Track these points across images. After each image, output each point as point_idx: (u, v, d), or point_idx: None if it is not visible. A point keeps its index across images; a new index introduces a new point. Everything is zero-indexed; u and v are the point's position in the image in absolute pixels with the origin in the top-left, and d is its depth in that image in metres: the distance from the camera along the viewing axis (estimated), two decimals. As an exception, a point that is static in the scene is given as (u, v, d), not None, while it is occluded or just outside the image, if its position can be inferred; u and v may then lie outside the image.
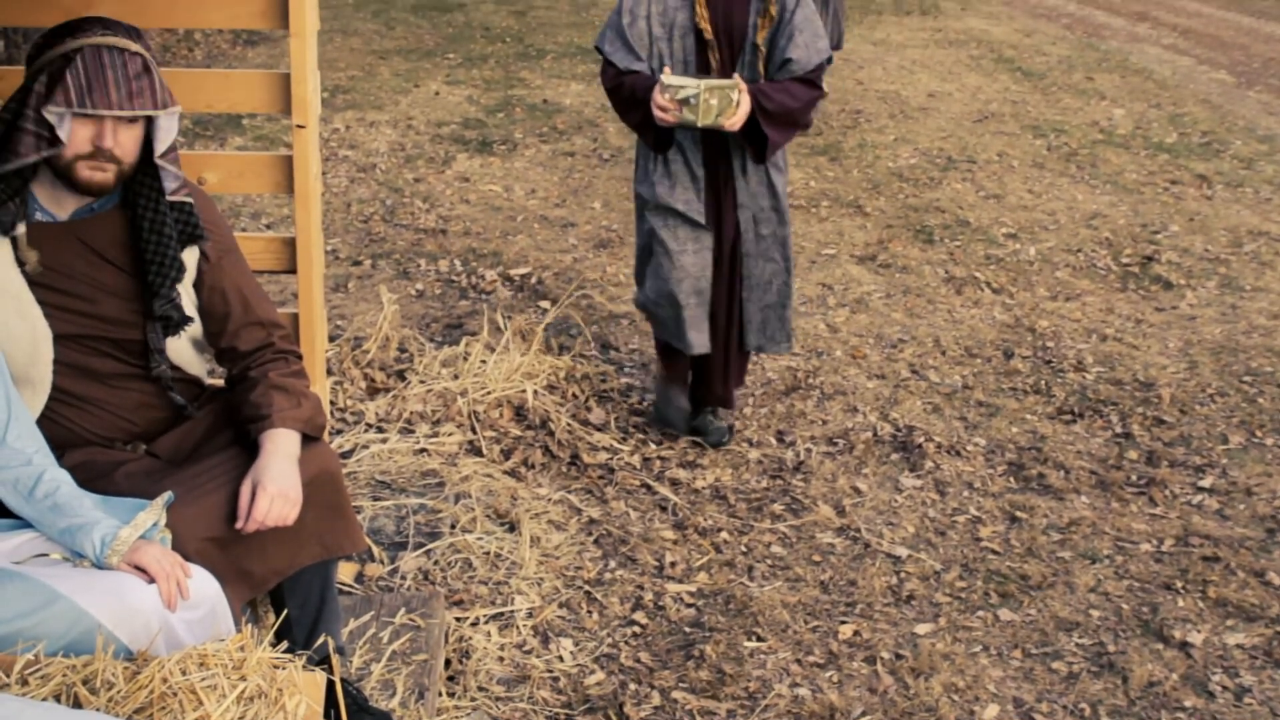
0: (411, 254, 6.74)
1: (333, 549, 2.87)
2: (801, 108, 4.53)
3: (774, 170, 4.69)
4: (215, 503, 2.68)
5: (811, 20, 4.49)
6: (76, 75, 2.62)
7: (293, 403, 2.86)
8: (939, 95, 10.70)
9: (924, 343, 5.88)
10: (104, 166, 2.69)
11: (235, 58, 11.34)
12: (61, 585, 2.39)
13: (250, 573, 2.72)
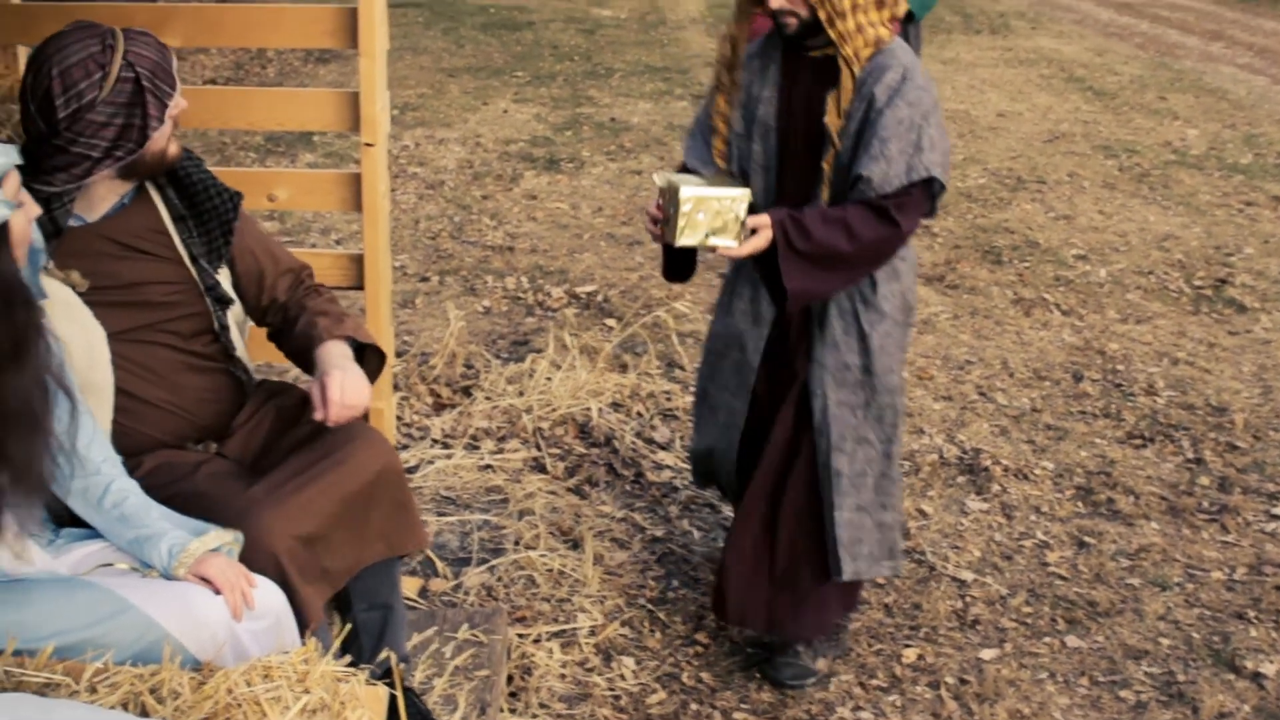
0: (479, 271, 6.78)
1: (397, 547, 2.92)
2: (858, 252, 3.25)
3: (867, 310, 3.43)
4: (299, 502, 2.72)
5: (910, 125, 3.20)
6: (150, 79, 2.69)
7: (335, 321, 2.99)
8: (1009, 115, 10.63)
9: (992, 364, 5.82)
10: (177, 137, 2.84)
11: (307, 75, 11.49)
12: (131, 595, 2.42)
13: (329, 570, 2.76)
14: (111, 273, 2.80)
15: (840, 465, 3.45)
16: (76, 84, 2.65)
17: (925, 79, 3.28)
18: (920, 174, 3.21)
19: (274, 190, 3.57)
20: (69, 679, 2.31)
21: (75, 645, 2.37)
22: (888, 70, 3.22)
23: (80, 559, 2.59)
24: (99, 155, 2.70)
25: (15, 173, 2.33)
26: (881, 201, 3.21)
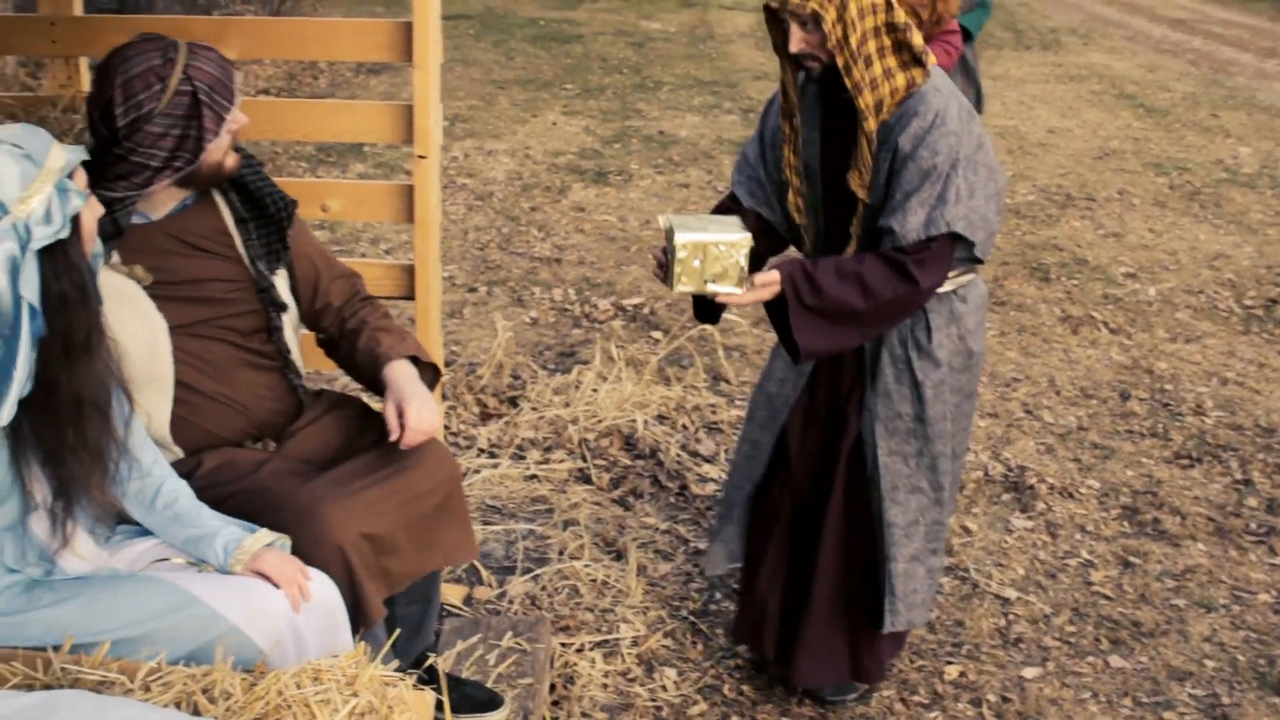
0: (526, 282, 6.83)
1: (452, 558, 2.99)
2: (873, 309, 3.12)
3: (921, 358, 3.29)
4: (365, 501, 2.77)
5: (936, 175, 3.07)
6: (207, 94, 2.75)
7: (398, 338, 3.06)
8: (1059, 131, 10.59)
9: (1038, 382, 5.81)
10: (235, 151, 2.90)
11: (358, 86, 11.60)
12: (196, 589, 2.48)
13: (390, 571, 2.82)
14: (174, 268, 2.87)
15: (894, 516, 3.36)
16: (136, 95, 2.73)
17: (961, 122, 3.11)
18: (940, 228, 3.07)
19: (327, 200, 3.62)
20: (124, 677, 2.35)
21: (143, 637, 2.43)
22: (915, 117, 3.08)
23: (137, 555, 2.65)
24: (157, 165, 2.76)
25: (82, 170, 2.40)
26: (899, 256, 3.09)
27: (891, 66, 3.09)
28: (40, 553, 2.49)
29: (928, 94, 3.10)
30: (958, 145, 3.08)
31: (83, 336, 2.35)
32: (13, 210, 2.25)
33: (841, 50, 3.03)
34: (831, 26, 3.00)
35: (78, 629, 2.41)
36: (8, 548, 2.45)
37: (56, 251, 2.30)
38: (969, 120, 3.15)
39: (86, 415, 2.38)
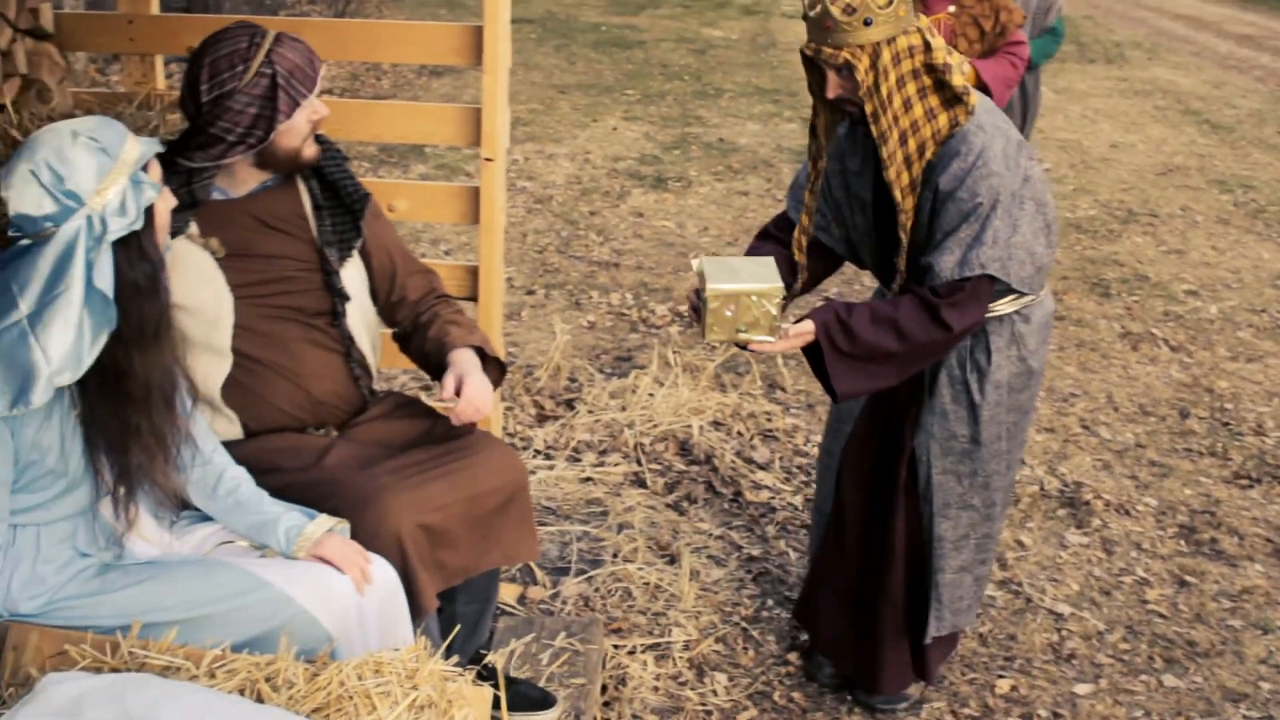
0: (584, 285, 6.87)
1: (513, 557, 3.03)
2: (909, 351, 3.14)
3: (980, 380, 3.30)
4: (425, 492, 2.83)
5: (974, 215, 3.06)
6: (285, 78, 2.85)
7: (468, 330, 3.15)
8: (1122, 146, 10.52)
9: (1096, 398, 5.78)
10: (315, 140, 3.00)
11: (420, 87, 11.69)
12: (266, 573, 2.54)
13: (445, 564, 2.86)
14: (247, 243, 2.97)
15: (943, 531, 3.41)
16: (220, 73, 2.85)
17: (1006, 159, 3.08)
18: (973, 269, 3.07)
19: (394, 200, 3.67)
20: (189, 663, 2.41)
21: (214, 618, 2.49)
22: (955, 157, 3.07)
23: (201, 540, 2.71)
24: (232, 140, 2.88)
25: (156, 162, 2.46)
26: (933, 300, 3.09)
27: (934, 106, 3.07)
28: (111, 537, 2.55)
29: (970, 133, 3.08)
30: (999, 185, 3.06)
31: (153, 326, 2.41)
32: (89, 202, 2.31)
33: (870, 98, 3.02)
34: (864, 75, 3.00)
35: (150, 611, 2.47)
36: (80, 532, 2.51)
37: (130, 242, 2.37)
38: (1015, 155, 3.11)
39: (154, 403, 2.44)
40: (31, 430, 2.34)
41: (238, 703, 2.23)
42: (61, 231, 2.30)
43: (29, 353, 2.25)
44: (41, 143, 2.34)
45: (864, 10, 2.95)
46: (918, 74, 3.04)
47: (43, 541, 2.47)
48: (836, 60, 3.01)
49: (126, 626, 2.45)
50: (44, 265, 2.29)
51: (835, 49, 3.00)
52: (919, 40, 3.04)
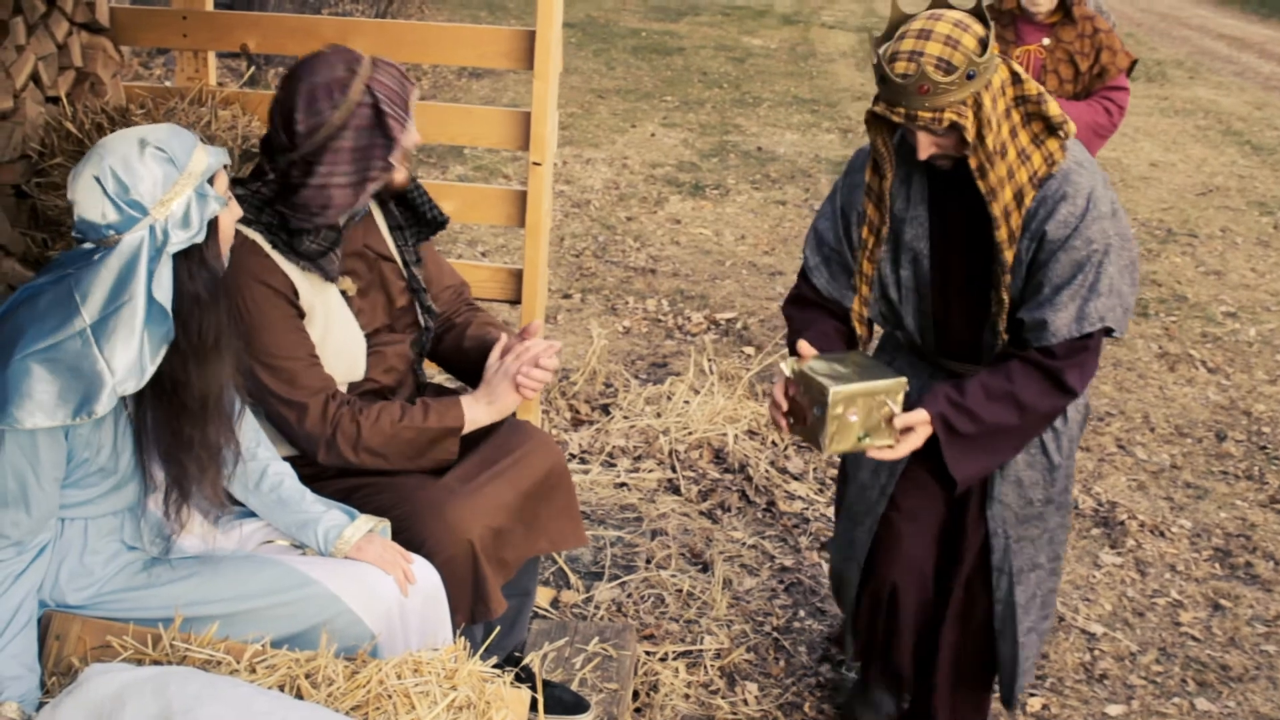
0: (620, 291, 6.88)
1: (559, 544, 3.06)
2: (1029, 422, 2.90)
3: (1056, 438, 3.08)
4: (489, 494, 2.86)
5: (1088, 265, 2.79)
6: (391, 108, 2.73)
7: (504, 330, 3.14)
8: (1161, 165, 10.47)
9: (1132, 418, 5.75)
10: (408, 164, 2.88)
11: (460, 89, 11.74)
12: (313, 571, 2.56)
13: (506, 560, 2.89)
14: (364, 277, 2.94)
15: (1018, 597, 3.19)
16: (317, 103, 2.71)
17: (1112, 201, 2.84)
18: (1092, 324, 2.80)
19: (441, 202, 3.69)
20: (230, 658, 2.43)
21: (259, 614, 2.51)
22: (1063, 201, 2.79)
23: (245, 536, 2.73)
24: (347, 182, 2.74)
25: (224, 172, 2.47)
26: (1051, 364, 2.83)
27: (1024, 145, 2.79)
28: (158, 530, 2.57)
29: (1072, 172, 2.81)
30: (1111, 230, 2.81)
31: (212, 338, 2.41)
32: (152, 212, 2.32)
33: (977, 152, 2.73)
34: (973, 134, 2.71)
35: (194, 605, 2.49)
36: (127, 526, 2.54)
37: (192, 254, 2.37)
38: (1108, 190, 2.87)
39: (210, 415, 2.45)
40: (85, 430, 2.36)
41: (278, 698, 2.25)
42: (125, 241, 2.30)
43: (93, 363, 2.26)
44: (110, 149, 2.33)
45: (965, 65, 2.64)
46: (1009, 112, 2.77)
47: (90, 534, 2.49)
48: (940, 124, 2.69)
49: (170, 620, 2.48)
50: (108, 275, 2.30)
51: (936, 111, 2.67)
52: (1007, 72, 2.78)
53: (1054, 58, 5.00)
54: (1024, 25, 5.11)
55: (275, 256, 2.76)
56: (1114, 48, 4.95)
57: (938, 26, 2.69)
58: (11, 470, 2.30)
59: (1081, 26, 5.03)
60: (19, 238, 3.54)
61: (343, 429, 2.80)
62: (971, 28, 2.71)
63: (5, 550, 2.35)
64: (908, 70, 2.65)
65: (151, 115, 3.61)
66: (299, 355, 2.78)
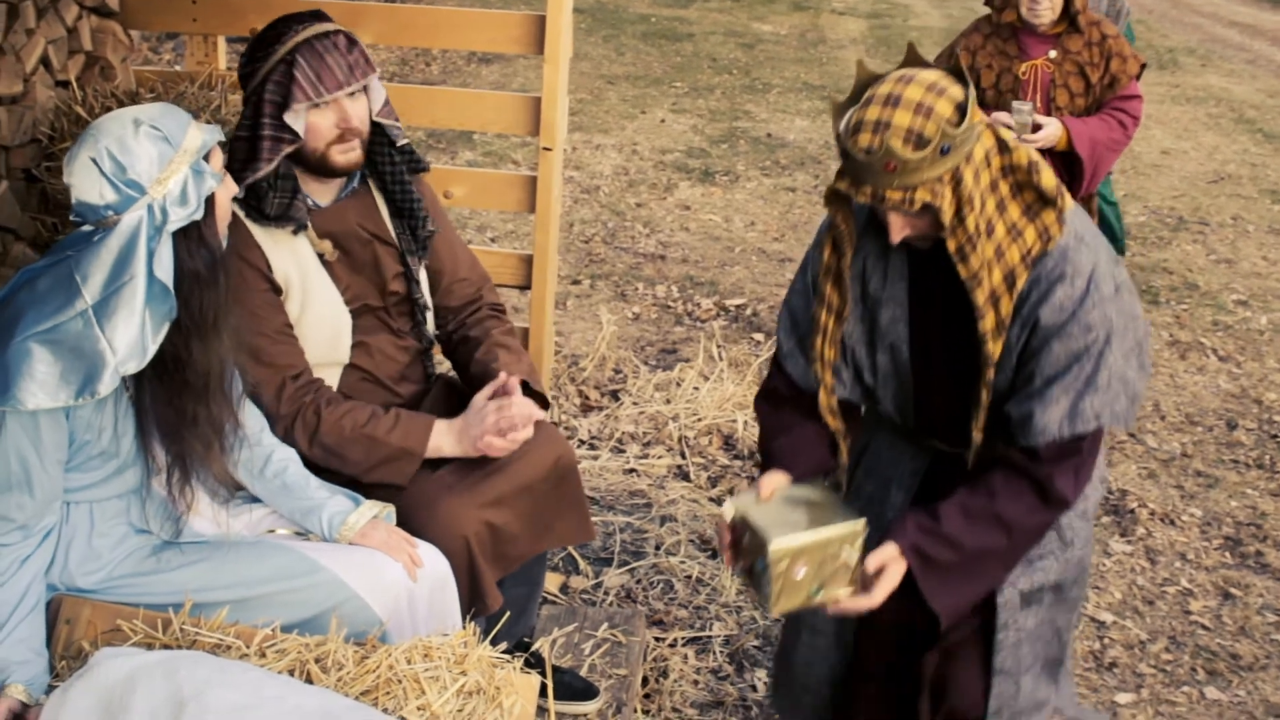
0: (630, 277, 6.87)
1: (567, 539, 3.04)
2: (1018, 539, 2.51)
3: (1071, 517, 2.67)
4: (487, 489, 2.86)
5: (1086, 355, 2.43)
6: (304, 71, 2.76)
7: (516, 358, 3.07)
8: (1173, 153, 10.43)
9: (1143, 406, 5.74)
10: (353, 145, 2.85)
11: (470, 74, 11.71)
12: (321, 557, 2.56)
13: (506, 555, 2.88)
14: (353, 251, 2.94)
15: (1013, 686, 2.71)
16: (253, 51, 2.83)
17: (1116, 278, 2.48)
18: (1086, 424, 2.43)
19: (450, 187, 3.69)
20: (240, 642, 2.43)
21: (267, 599, 2.52)
22: (1059, 282, 2.42)
23: (255, 520, 2.73)
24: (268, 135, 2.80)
25: (219, 148, 2.46)
26: (1038, 472, 2.46)
27: (1015, 220, 2.43)
28: (167, 514, 2.57)
29: (1070, 249, 2.44)
30: (1114, 312, 2.44)
31: (212, 315, 2.41)
32: (150, 191, 2.31)
33: (955, 234, 2.38)
34: (949, 215, 2.36)
35: (204, 590, 2.49)
36: (134, 509, 2.54)
37: (190, 231, 2.37)
38: (1113, 265, 2.51)
39: (210, 391, 2.45)
40: (86, 412, 2.36)
41: (288, 683, 2.25)
42: (124, 221, 2.31)
43: (95, 343, 2.26)
44: (104, 130, 2.34)
45: (939, 138, 2.29)
46: (995, 184, 2.41)
47: (96, 517, 2.49)
48: (912, 206, 2.33)
49: (180, 605, 2.48)
50: (108, 255, 2.30)
51: (906, 191, 2.32)
52: (992, 140, 2.41)
53: (1063, 71, 4.69)
54: (1027, 38, 4.75)
55: (250, 226, 2.79)
56: (1123, 54, 4.66)
57: (908, 91, 2.33)
58: (14, 452, 2.31)
59: (1088, 34, 4.69)
60: (29, 222, 3.54)
61: (304, 416, 2.79)
62: (948, 91, 2.34)
63: (11, 534, 2.35)
64: (872, 145, 2.30)
65: (161, 100, 3.60)
66: (265, 331, 2.78)
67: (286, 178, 2.83)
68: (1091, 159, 4.64)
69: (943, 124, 2.28)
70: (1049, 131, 4.63)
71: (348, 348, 2.91)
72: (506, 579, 3.03)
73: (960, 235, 2.37)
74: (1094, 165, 4.67)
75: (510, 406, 2.83)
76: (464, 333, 3.16)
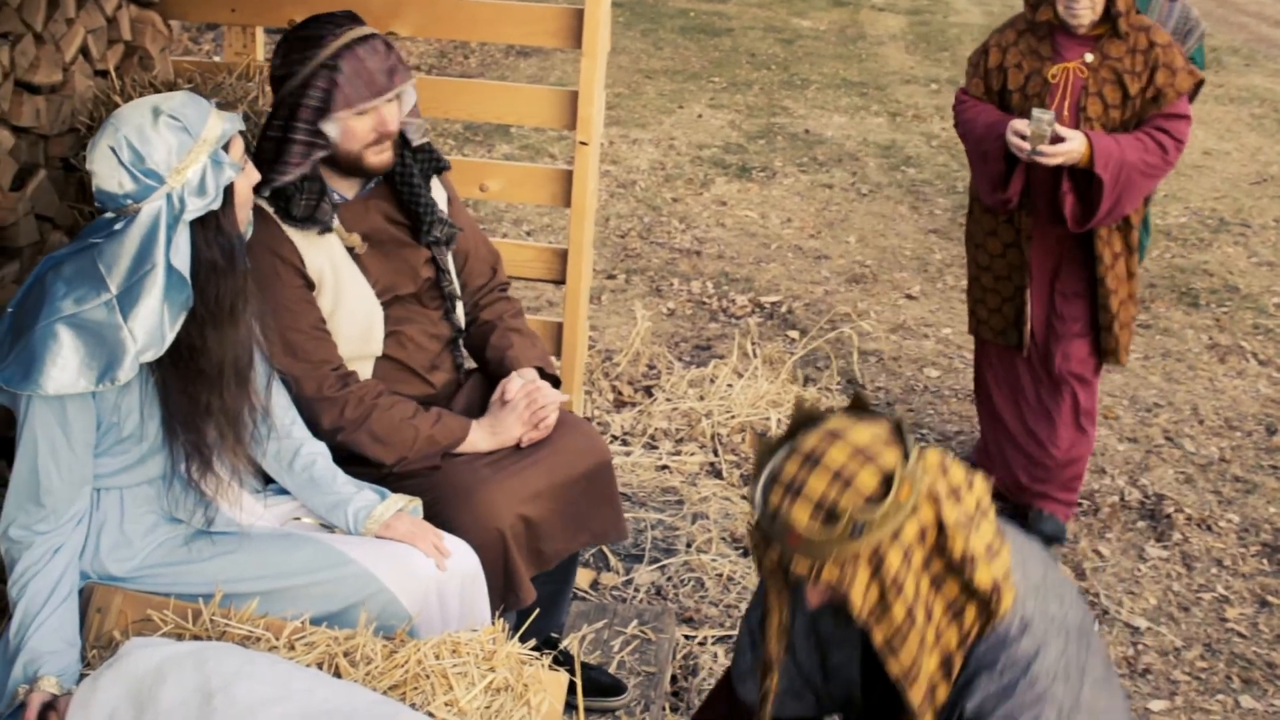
0: (665, 272, 6.85)
1: (600, 538, 3.04)
2: None
3: None
4: (523, 482, 2.86)
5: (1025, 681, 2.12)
6: (348, 78, 2.75)
7: (529, 343, 3.13)
8: (1215, 154, 10.31)
9: (1181, 410, 5.68)
10: (386, 147, 2.86)
11: (508, 67, 11.71)
12: (351, 550, 2.55)
13: (541, 551, 2.88)
14: (381, 242, 2.94)
15: None
16: (290, 54, 2.78)
17: (1066, 668, 2.15)
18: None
19: (486, 181, 3.68)
20: (269, 634, 2.43)
21: (297, 591, 2.52)
22: (985, 671, 2.12)
23: (287, 512, 2.73)
24: (301, 138, 2.78)
25: (239, 137, 2.46)
26: None
27: (954, 597, 2.11)
28: (197, 500, 2.56)
29: (1009, 635, 2.13)
30: (1050, 712, 2.13)
31: (229, 303, 2.41)
32: (169, 180, 2.32)
33: (878, 623, 2.07)
34: (866, 601, 2.05)
35: (234, 581, 2.50)
36: (164, 497, 2.54)
37: (208, 220, 2.37)
38: (1077, 652, 2.19)
39: (226, 380, 2.45)
40: (111, 395, 2.38)
41: (316, 676, 2.25)
42: (145, 210, 2.32)
43: (117, 331, 2.28)
44: (124, 120, 2.34)
45: (850, 513, 1.98)
46: (929, 561, 2.08)
47: (127, 503, 2.50)
48: (814, 580, 2.05)
49: (210, 595, 2.48)
50: (130, 244, 2.31)
51: (813, 563, 2.03)
52: (930, 515, 2.06)
53: (1098, 77, 4.09)
54: (1063, 38, 4.16)
55: (280, 223, 2.80)
56: (1173, 65, 4.04)
57: (831, 452, 2.04)
58: (43, 436, 2.32)
59: (1133, 40, 4.08)
60: (66, 210, 3.55)
61: (353, 402, 2.81)
62: (878, 459, 2.02)
63: (43, 521, 2.36)
64: (779, 509, 2.03)
65: (199, 90, 3.61)
66: (301, 327, 2.79)
67: (313, 179, 2.82)
68: (1116, 183, 4.01)
69: (860, 499, 1.99)
70: (1070, 146, 3.97)
71: (380, 340, 2.92)
72: (537, 575, 3.02)
73: (885, 626, 2.06)
74: (1118, 191, 4.04)
75: (539, 396, 2.93)
76: (476, 314, 3.19)
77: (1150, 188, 4.18)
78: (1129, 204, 4.13)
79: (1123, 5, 4.07)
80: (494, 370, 3.10)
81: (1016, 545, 2.24)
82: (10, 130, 3.30)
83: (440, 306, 3.05)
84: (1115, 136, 4.06)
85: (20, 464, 2.35)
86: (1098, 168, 3.98)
